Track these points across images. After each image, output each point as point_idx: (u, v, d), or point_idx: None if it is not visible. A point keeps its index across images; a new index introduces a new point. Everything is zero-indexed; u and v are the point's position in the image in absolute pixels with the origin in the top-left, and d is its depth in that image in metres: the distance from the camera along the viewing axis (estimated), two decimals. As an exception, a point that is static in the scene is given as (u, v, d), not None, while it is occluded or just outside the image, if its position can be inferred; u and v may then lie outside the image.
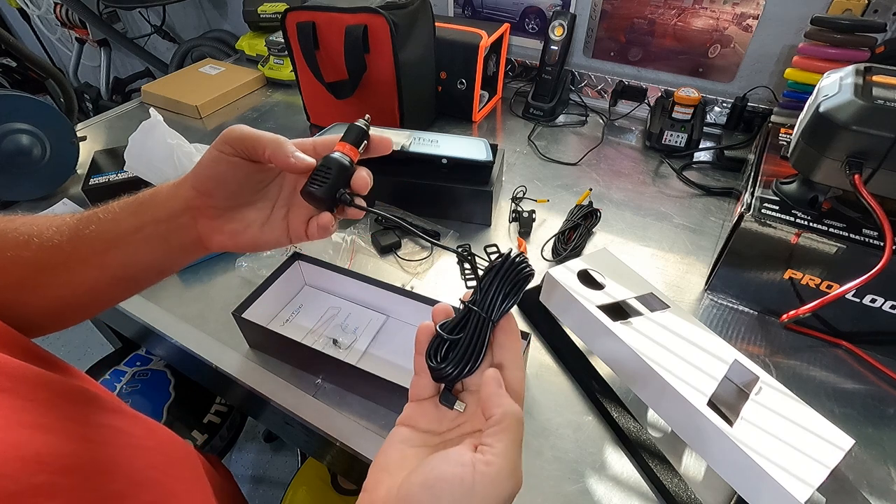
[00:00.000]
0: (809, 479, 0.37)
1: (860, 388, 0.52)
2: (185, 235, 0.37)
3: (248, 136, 0.35)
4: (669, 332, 0.48)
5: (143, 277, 0.39)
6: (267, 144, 0.35)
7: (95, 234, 0.36)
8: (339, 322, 0.59)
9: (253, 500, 1.27)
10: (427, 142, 0.73)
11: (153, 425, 0.40)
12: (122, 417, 0.35)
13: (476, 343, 0.30)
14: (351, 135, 0.37)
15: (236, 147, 0.35)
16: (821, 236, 0.52)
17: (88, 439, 0.30)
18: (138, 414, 0.38)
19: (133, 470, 0.32)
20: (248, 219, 0.38)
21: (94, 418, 0.32)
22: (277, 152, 0.35)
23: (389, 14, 0.79)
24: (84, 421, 0.30)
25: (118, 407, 0.36)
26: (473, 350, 0.30)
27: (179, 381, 0.82)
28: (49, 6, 2.00)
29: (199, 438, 0.80)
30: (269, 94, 1.16)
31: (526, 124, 1.01)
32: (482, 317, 0.30)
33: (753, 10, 0.87)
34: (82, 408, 0.31)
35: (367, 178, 0.37)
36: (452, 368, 0.30)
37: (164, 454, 0.37)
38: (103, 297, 0.39)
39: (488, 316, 0.30)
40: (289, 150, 0.35)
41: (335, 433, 0.49)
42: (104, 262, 0.36)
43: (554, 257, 0.68)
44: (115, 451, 0.31)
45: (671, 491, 0.43)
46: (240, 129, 0.35)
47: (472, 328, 0.30)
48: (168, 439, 0.40)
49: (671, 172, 0.86)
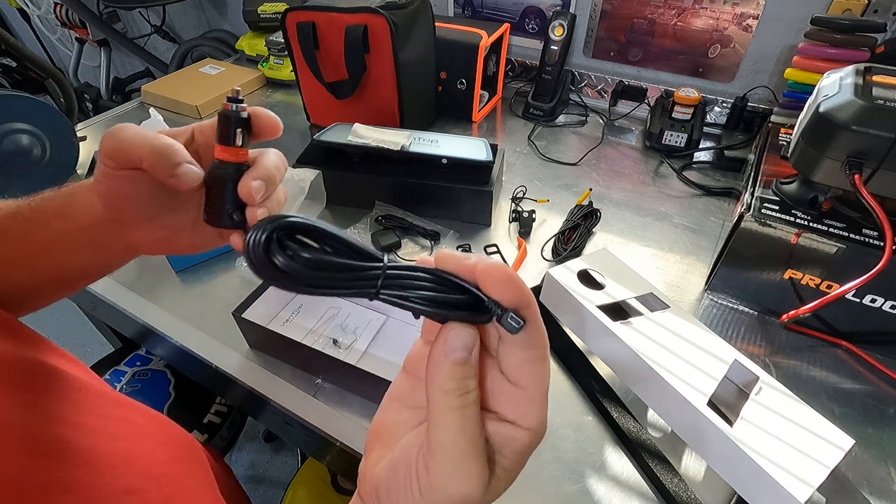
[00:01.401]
0: (809, 479, 0.37)
1: (860, 388, 0.52)
2: (114, 242, 0.34)
3: (120, 149, 0.29)
4: (669, 332, 0.48)
5: (80, 278, 0.37)
6: (144, 156, 0.28)
7: (21, 234, 0.32)
8: (339, 322, 0.59)
9: (253, 500, 1.27)
10: (427, 142, 0.73)
11: (163, 419, 0.40)
12: (131, 411, 0.36)
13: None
14: (221, 129, 0.29)
15: (117, 160, 0.29)
16: (821, 236, 0.52)
17: (101, 432, 0.30)
18: (148, 409, 0.39)
19: (147, 464, 0.32)
20: (176, 225, 0.34)
21: (98, 410, 0.32)
22: (157, 166, 0.28)
23: (389, 14, 0.79)
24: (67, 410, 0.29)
25: (124, 401, 0.36)
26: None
27: (179, 381, 0.82)
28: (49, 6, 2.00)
29: (199, 438, 0.80)
30: (269, 94, 1.16)
31: (526, 124, 1.01)
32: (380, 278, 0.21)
33: (753, 10, 0.87)
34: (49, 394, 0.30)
35: (255, 184, 0.28)
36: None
37: (174, 448, 0.37)
38: (34, 297, 0.36)
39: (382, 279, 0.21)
40: (170, 163, 0.28)
41: (335, 433, 0.50)
42: (33, 265, 0.33)
43: (554, 257, 0.68)
44: (128, 444, 0.31)
45: (671, 491, 0.43)
46: (113, 139, 0.29)
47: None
48: (177, 433, 0.41)
49: (671, 172, 0.86)
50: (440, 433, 0.20)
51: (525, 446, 0.21)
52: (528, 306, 0.20)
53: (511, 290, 0.20)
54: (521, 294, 0.20)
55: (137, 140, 0.28)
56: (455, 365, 0.20)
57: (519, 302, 0.20)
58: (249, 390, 0.54)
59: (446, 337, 0.21)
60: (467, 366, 0.21)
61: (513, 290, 0.20)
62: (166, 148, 0.28)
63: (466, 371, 0.21)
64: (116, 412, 0.34)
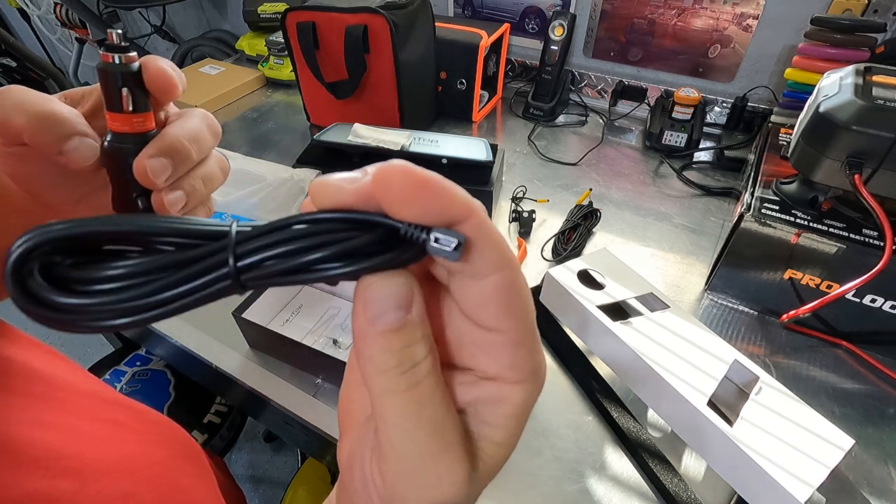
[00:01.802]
0: (809, 479, 0.37)
1: (860, 388, 0.52)
2: None
3: (1, 121, 0.23)
4: (669, 332, 0.48)
5: None
6: (23, 128, 0.22)
7: None
8: (339, 322, 0.59)
9: (253, 500, 1.27)
10: (427, 142, 0.73)
11: (158, 418, 0.39)
12: (124, 411, 0.35)
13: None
14: (104, 91, 0.22)
15: (3, 135, 0.24)
16: (821, 236, 0.52)
17: (89, 436, 0.29)
18: (142, 406, 0.38)
19: (140, 466, 0.31)
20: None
21: (87, 412, 0.30)
22: (39, 140, 0.22)
23: (389, 14, 0.79)
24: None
25: (117, 401, 0.35)
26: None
27: (179, 381, 0.82)
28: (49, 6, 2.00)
29: (200, 438, 0.80)
30: (269, 94, 1.16)
31: (526, 124, 1.01)
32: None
33: (753, 10, 0.87)
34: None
35: (153, 162, 0.22)
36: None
37: (170, 447, 0.37)
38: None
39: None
40: (54, 136, 0.22)
41: (335, 433, 0.49)
42: None
43: (554, 257, 0.68)
44: (120, 447, 0.30)
45: (671, 491, 0.43)
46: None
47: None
48: (174, 432, 0.40)
49: (671, 172, 0.86)
50: (388, 430, 0.15)
51: (519, 406, 0.16)
52: (466, 216, 0.13)
53: (427, 198, 0.13)
54: (445, 200, 0.13)
55: (14, 108, 0.22)
56: (388, 334, 0.14)
57: (447, 212, 0.13)
58: (249, 390, 0.54)
59: (364, 298, 0.14)
60: (407, 329, 0.14)
61: (429, 197, 0.13)
62: (48, 117, 0.22)
63: (407, 336, 0.14)
64: (107, 413, 0.32)
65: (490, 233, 0.14)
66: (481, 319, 0.15)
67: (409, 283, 0.14)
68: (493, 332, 0.15)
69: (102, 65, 0.22)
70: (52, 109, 0.23)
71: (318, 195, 0.14)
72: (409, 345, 0.14)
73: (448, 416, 0.15)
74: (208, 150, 0.25)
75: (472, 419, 0.16)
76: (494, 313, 0.15)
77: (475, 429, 0.16)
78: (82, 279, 0.13)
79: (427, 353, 0.15)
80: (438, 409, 0.15)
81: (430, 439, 0.14)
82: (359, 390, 0.18)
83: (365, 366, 0.14)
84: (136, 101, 0.22)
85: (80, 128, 0.23)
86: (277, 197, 0.66)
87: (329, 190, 0.14)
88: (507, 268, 0.14)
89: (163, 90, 0.23)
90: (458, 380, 0.16)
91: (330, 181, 0.14)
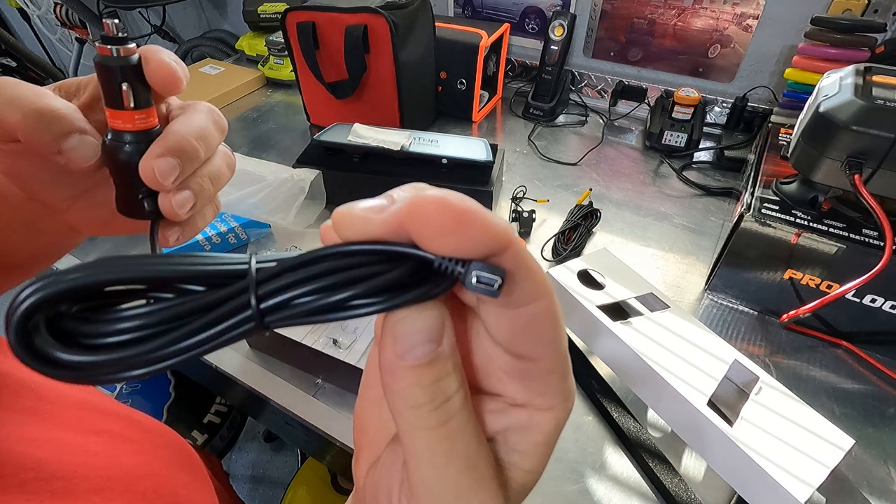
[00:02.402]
0: (809, 479, 0.37)
1: (860, 388, 0.52)
2: (49, 224, 0.27)
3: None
4: (669, 332, 0.48)
5: (29, 262, 0.30)
6: (17, 125, 0.21)
7: None
8: (339, 322, 0.59)
9: (253, 500, 1.27)
10: (427, 142, 0.73)
11: (154, 426, 0.39)
12: (120, 421, 0.34)
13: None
14: (103, 86, 0.21)
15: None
16: (821, 236, 0.52)
17: (82, 450, 0.28)
18: (137, 414, 0.38)
19: (134, 479, 0.30)
20: (111, 202, 0.26)
21: (80, 424, 0.30)
22: (34, 138, 0.21)
23: (389, 14, 0.79)
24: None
25: (113, 410, 0.35)
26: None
27: (179, 381, 0.82)
28: (49, 6, 2.00)
29: (200, 438, 0.80)
30: (269, 94, 1.16)
31: (526, 124, 1.01)
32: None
33: (753, 10, 0.87)
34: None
35: (161, 163, 0.21)
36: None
37: (167, 456, 0.36)
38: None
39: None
40: (51, 134, 0.21)
41: (335, 433, 0.50)
42: None
43: (554, 257, 0.68)
44: (113, 460, 0.30)
45: (671, 491, 0.43)
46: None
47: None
48: (171, 440, 0.39)
49: (671, 172, 0.86)
50: (419, 466, 0.14)
51: (550, 433, 0.15)
52: (504, 247, 0.12)
53: (466, 231, 0.12)
54: (485, 232, 0.12)
55: (7, 104, 0.21)
56: (419, 368, 0.13)
57: (486, 245, 0.12)
58: (249, 390, 0.54)
59: (394, 333, 0.13)
60: (438, 362, 0.13)
61: (469, 230, 0.12)
62: (45, 113, 0.21)
63: (438, 370, 0.13)
64: (101, 424, 0.31)
65: (528, 262, 0.13)
66: (514, 347, 0.14)
67: (441, 314, 0.14)
68: (525, 359, 0.14)
69: (100, 58, 0.20)
70: (48, 105, 0.21)
71: (342, 225, 0.13)
72: (440, 378, 0.13)
73: (480, 449, 0.14)
74: (215, 146, 0.24)
75: (502, 447, 0.15)
76: (529, 342, 0.14)
77: (505, 457, 0.15)
78: (93, 333, 0.12)
79: (458, 385, 0.14)
80: (471, 444, 0.14)
81: (462, 475, 0.14)
82: (375, 409, 0.18)
83: (393, 400, 0.14)
84: (138, 97, 0.21)
85: (79, 124, 0.22)
86: (277, 197, 0.66)
87: (354, 220, 0.13)
88: (544, 296, 0.13)
89: (165, 85, 0.21)
90: (486, 407, 0.16)
91: (355, 211, 0.13)
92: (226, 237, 0.69)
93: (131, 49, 0.20)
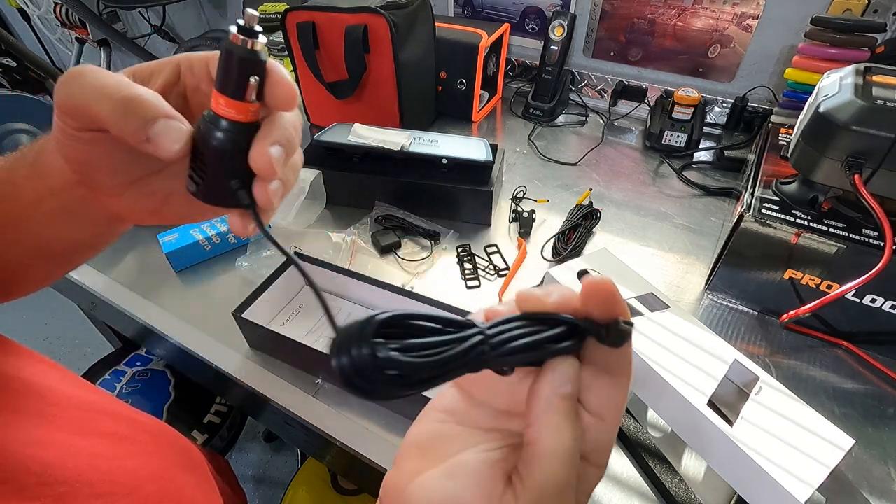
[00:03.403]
0: (809, 479, 0.37)
1: (860, 388, 0.52)
2: (93, 211, 0.27)
3: (74, 105, 0.21)
4: (669, 332, 0.48)
5: (69, 252, 0.30)
6: (105, 115, 0.21)
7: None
8: (339, 321, 0.59)
9: (253, 500, 1.27)
10: (427, 142, 0.73)
11: (158, 427, 0.39)
12: (123, 422, 0.34)
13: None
14: (225, 74, 0.21)
15: (76, 119, 0.22)
16: (821, 236, 0.52)
17: (85, 452, 0.28)
18: (141, 416, 0.37)
19: (138, 481, 0.30)
20: (164, 191, 0.27)
21: (83, 426, 0.30)
22: (123, 128, 0.21)
23: (389, 14, 0.79)
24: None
25: (115, 411, 0.35)
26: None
27: (179, 381, 0.82)
28: (49, 6, 2.00)
29: (200, 438, 0.80)
30: (269, 94, 1.16)
31: (526, 124, 1.01)
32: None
33: (753, 10, 0.87)
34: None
35: (275, 150, 0.22)
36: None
37: (170, 456, 0.36)
38: (22, 275, 0.30)
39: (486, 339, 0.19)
40: (140, 121, 0.21)
41: (335, 433, 0.49)
42: (8, 236, 0.27)
43: (554, 257, 0.68)
44: (116, 463, 0.30)
45: (671, 491, 0.43)
46: (64, 91, 0.21)
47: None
48: (174, 440, 0.39)
49: (671, 172, 0.86)
50: (546, 462, 0.18)
51: (591, 487, 0.20)
52: (623, 313, 0.19)
53: (613, 303, 0.19)
54: (623, 306, 0.19)
55: (95, 93, 0.21)
56: (566, 400, 0.18)
57: (623, 312, 0.19)
58: (249, 390, 0.54)
59: (557, 371, 0.19)
60: (574, 398, 0.19)
61: (615, 302, 0.19)
62: (133, 101, 0.21)
63: (574, 403, 0.19)
64: (105, 426, 0.31)
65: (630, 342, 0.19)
66: (594, 406, 0.19)
67: (578, 364, 0.19)
68: (596, 417, 0.19)
69: (237, 49, 0.20)
70: (135, 94, 0.21)
71: (523, 303, 0.20)
72: (573, 409, 0.19)
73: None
74: (301, 138, 0.25)
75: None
76: (607, 403, 0.19)
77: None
78: (405, 347, 0.17)
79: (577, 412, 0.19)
80: (579, 455, 0.19)
81: (573, 474, 0.18)
82: (454, 429, 0.22)
83: (547, 429, 0.18)
84: (260, 91, 0.21)
85: (167, 109, 0.22)
86: (277, 197, 0.66)
87: (533, 301, 0.20)
88: (631, 370, 0.20)
89: (288, 100, 0.22)
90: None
91: (535, 295, 0.20)
92: (226, 237, 0.69)
93: (263, 44, 0.21)
